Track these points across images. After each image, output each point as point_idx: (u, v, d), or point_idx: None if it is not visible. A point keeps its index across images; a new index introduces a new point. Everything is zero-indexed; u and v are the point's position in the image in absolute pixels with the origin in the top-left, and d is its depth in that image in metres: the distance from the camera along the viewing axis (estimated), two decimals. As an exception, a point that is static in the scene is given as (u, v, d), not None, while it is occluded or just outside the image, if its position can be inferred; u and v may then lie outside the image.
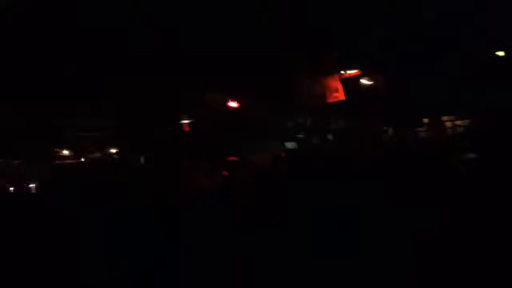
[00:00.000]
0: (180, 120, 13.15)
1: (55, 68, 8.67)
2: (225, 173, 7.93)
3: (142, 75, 9.47)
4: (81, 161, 14.45)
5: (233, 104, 11.63)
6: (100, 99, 10.58)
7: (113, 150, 14.98)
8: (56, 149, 14.12)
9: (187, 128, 13.35)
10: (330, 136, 13.69)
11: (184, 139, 12.90)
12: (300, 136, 14.38)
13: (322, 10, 7.73)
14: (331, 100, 10.30)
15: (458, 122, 13.00)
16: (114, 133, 13.46)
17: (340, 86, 10.18)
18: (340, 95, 10.19)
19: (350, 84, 10.59)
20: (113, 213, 5.81)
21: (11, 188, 11.94)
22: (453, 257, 4.05)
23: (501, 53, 9.33)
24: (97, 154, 14.75)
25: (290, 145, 14.44)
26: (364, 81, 10.60)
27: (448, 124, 13.07)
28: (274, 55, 9.08)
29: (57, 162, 13.80)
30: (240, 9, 7.48)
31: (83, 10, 6.89)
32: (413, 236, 4.63)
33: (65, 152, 14.52)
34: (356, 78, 10.57)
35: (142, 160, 13.55)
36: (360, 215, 5.29)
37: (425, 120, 12.78)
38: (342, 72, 10.25)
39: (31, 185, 10.55)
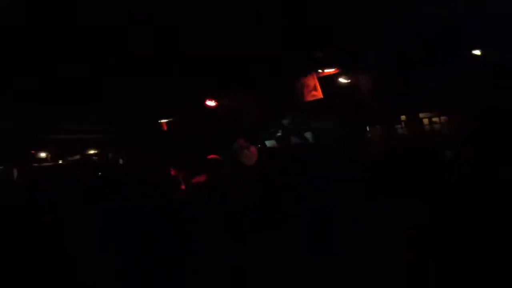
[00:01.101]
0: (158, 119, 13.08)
1: (42, 70, 8.54)
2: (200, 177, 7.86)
3: (127, 75, 9.39)
4: (60, 163, 14.27)
5: (210, 103, 11.60)
6: (84, 101, 10.46)
7: (93, 152, 14.85)
8: (33, 151, 13.90)
9: (165, 127, 13.28)
10: (309, 135, 13.78)
11: (162, 138, 12.86)
12: (279, 134, 14.43)
13: (303, 9, 7.72)
14: (309, 98, 10.34)
15: (435, 119, 13.21)
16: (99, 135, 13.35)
17: (318, 84, 10.22)
18: (318, 94, 10.23)
19: (327, 82, 10.63)
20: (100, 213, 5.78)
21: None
22: (443, 254, 4.12)
23: (477, 52, 9.47)
24: (77, 156, 14.56)
25: (269, 143, 14.51)
26: (342, 79, 10.66)
27: (425, 121, 13.26)
28: (254, 55, 9.07)
29: (34, 164, 13.59)
30: (219, 7, 7.43)
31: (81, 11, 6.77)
32: (399, 232, 4.70)
33: (42, 154, 14.29)
34: (334, 76, 10.63)
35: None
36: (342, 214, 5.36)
37: (403, 118, 12.94)
38: (319, 70, 10.28)
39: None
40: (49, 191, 8.33)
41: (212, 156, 8.01)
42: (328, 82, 10.63)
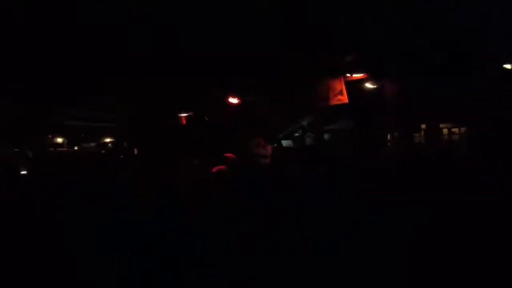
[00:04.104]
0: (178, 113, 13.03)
1: (60, 61, 8.51)
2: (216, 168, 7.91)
3: (144, 71, 9.34)
4: (75, 149, 14.25)
5: (233, 100, 11.54)
6: (101, 93, 10.43)
7: (107, 140, 14.82)
8: (49, 135, 13.87)
9: (184, 121, 13.23)
10: (326, 136, 13.73)
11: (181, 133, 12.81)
12: (297, 135, 14.41)
13: (334, 10, 7.62)
14: (334, 102, 10.23)
15: (454, 129, 13.13)
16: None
17: (344, 89, 10.10)
18: (344, 98, 10.11)
19: (352, 87, 10.51)
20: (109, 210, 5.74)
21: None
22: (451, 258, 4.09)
23: (508, 66, 9.34)
24: (92, 144, 14.55)
25: (285, 143, 14.48)
26: (369, 85, 10.54)
27: (445, 131, 13.19)
28: (277, 54, 8.98)
29: (49, 149, 13.58)
30: (243, 7, 7.36)
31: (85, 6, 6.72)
32: (412, 236, 4.67)
33: (59, 139, 14.27)
34: (360, 81, 10.50)
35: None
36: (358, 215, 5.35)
37: (423, 126, 12.86)
38: (348, 74, 10.16)
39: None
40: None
41: (228, 154, 8.05)
42: (353, 87, 10.50)
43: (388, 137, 12.88)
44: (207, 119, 12.44)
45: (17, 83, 9.60)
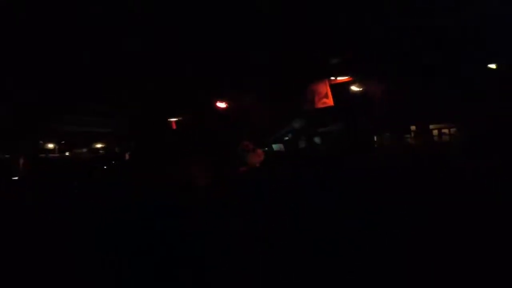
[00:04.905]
0: (168, 118, 13.08)
1: (52, 65, 8.56)
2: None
3: (137, 74, 9.38)
4: (66, 155, 14.27)
5: (221, 104, 11.57)
6: (96, 98, 10.48)
7: (99, 145, 14.86)
8: (41, 142, 13.91)
9: (173, 126, 13.29)
10: (317, 140, 13.74)
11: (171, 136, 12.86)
12: (287, 138, 14.40)
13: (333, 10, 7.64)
14: (319, 105, 10.28)
15: (445, 130, 13.12)
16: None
17: (329, 92, 10.15)
18: (329, 101, 10.16)
19: (339, 89, 10.55)
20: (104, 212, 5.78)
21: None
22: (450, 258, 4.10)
23: (493, 66, 9.38)
24: (84, 149, 14.58)
25: (276, 146, 14.48)
26: (354, 87, 10.58)
27: (435, 132, 13.18)
28: (266, 57, 9.01)
29: (40, 155, 13.60)
30: (233, 10, 7.40)
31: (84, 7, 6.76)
32: (406, 238, 4.68)
33: (50, 145, 14.30)
34: (346, 84, 10.55)
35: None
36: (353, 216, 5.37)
37: (412, 128, 12.87)
38: (332, 78, 10.21)
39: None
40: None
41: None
42: (339, 89, 10.55)
43: (375, 139, 12.88)
44: (194, 124, 12.49)
45: (13, 89, 9.64)
